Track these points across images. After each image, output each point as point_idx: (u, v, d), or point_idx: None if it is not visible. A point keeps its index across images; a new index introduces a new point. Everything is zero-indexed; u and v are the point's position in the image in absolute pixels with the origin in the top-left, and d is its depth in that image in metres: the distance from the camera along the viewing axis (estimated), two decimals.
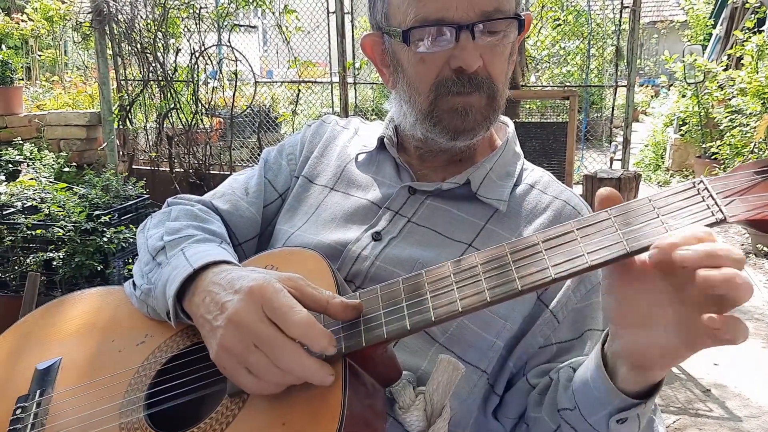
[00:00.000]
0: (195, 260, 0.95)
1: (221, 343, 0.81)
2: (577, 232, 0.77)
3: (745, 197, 0.69)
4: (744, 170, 0.71)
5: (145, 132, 5.70)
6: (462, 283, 0.81)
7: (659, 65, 13.88)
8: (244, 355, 0.79)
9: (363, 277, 1.07)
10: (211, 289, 0.87)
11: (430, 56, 1.04)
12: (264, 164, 1.28)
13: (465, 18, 1.00)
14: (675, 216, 0.72)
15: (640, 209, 0.74)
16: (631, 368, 0.80)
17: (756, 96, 5.85)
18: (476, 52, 1.01)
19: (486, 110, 1.07)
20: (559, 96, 5.46)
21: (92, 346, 1.05)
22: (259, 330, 0.78)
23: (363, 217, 1.14)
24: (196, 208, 1.18)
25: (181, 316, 0.95)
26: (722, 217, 0.69)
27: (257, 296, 0.79)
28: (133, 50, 5.22)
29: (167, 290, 0.95)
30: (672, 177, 8.73)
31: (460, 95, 1.05)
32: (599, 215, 0.77)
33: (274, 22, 5.23)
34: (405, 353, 0.99)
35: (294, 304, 0.79)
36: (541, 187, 1.17)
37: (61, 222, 3.32)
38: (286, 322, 0.78)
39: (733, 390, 3.46)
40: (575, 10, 7.34)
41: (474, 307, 0.78)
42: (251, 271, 0.87)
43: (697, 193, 0.72)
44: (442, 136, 1.09)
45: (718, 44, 8.93)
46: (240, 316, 0.79)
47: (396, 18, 1.05)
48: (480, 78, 1.04)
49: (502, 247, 0.81)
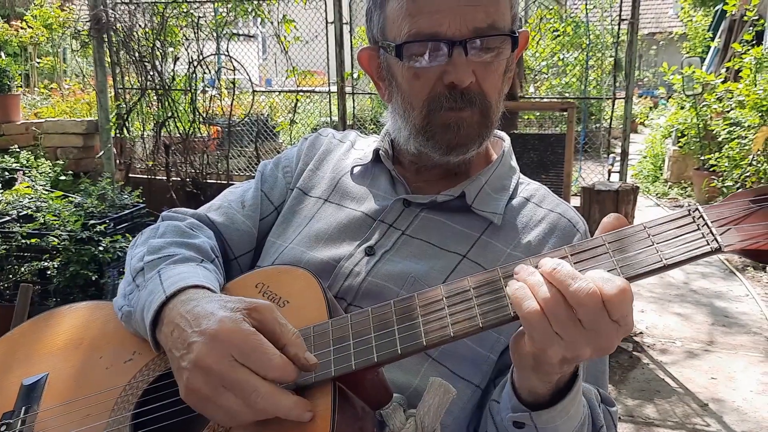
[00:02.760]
0: (168, 285, 0.94)
1: (188, 386, 0.80)
2: (571, 258, 0.77)
3: (740, 226, 0.68)
4: (739, 198, 0.70)
5: (142, 140, 5.69)
6: (454, 307, 0.80)
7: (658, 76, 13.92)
8: (212, 397, 0.78)
9: (354, 293, 1.06)
10: (178, 322, 0.85)
11: (424, 71, 1.04)
12: (260, 177, 1.28)
13: (458, 34, 0.99)
14: (669, 244, 0.71)
15: (635, 236, 0.73)
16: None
17: (754, 108, 5.86)
18: (469, 68, 1.01)
19: (479, 126, 1.07)
20: (557, 108, 5.46)
21: (79, 362, 1.04)
22: (230, 375, 0.77)
23: (356, 230, 1.13)
24: (185, 224, 1.16)
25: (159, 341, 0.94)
26: (717, 246, 0.68)
27: (225, 341, 0.78)
28: (131, 59, 5.22)
29: (144, 317, 0.94)
30: (670, 189, 8.73)
31: (453, 110, 1.04)
32: (594, 240, 0.76)
33: (273, 32, 5.24)
34: (396, 370, 0.98)
35: (266, 348, 0.78)
36: (536, 200, 1.17)
37: (56, 231, 3.31)
38: (263, 367, 0.77)
39: (730, 404, 3.44)
40: (574, 21, 7.36)
41: (466, 332, 0.78)
42: (218, 303, 0.85)
43: (693, 221, 0.71)
44: (435, 150, 1.09)
45: (716, 56, 8.96)
46: (206, 362, 0.78)
47: (391, 32, 1.05)
48: (472, 94, 1.04)
49: (495, 271, 0.81)
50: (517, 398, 0.87)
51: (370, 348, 0.81)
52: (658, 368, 3.85)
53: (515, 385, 0.88)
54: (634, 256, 0.72)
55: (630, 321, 0.72)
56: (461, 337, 0.78)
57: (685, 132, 8.23)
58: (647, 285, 5.09)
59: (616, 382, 3.65)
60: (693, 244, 0.70)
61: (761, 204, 0.69)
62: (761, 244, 0.67)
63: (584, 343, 0.72)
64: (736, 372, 3.79)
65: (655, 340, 4.23)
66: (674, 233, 0.71)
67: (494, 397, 0.99)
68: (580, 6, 7.29)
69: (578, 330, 0.71)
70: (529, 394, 0.86)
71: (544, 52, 7.82)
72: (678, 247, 0.70)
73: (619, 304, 0.70)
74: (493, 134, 1.14)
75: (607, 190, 3.95)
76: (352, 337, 0.83)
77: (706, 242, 0.69)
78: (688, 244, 0.70)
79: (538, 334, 0.73)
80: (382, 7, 1.07)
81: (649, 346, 4.12)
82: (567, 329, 0.71)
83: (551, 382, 0.83)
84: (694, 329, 4.42)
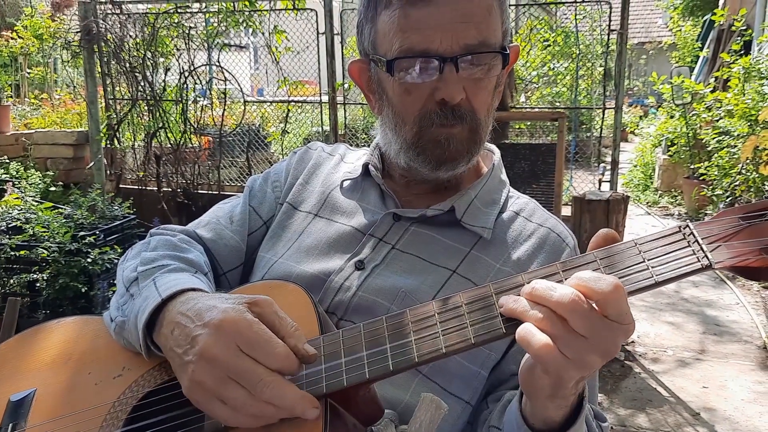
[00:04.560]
0: (164, 290, 0.93)
1: (193, 378, 0.79)
2: (563, 274, 0.77)
3: (730, 243, 0.68)
4: (730, 215, 0.70)
5: (133, 151, 5.67)
6: (446, 323, 0.80)
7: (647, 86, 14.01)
8: (218, 389, 0.77)
9: (345, 308, 1.06)
10: (179, 321, 0.85)
11: (415, 87, 1.04)
12: (249, 192, 1.27)
13: (449, 51, 0.99)
14: (660, 260, 0.71)
15: (626, 252, 0.73)
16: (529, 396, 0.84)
17: (743, 118, 5.90)
18: (459, 84, 1.01)
19: (468, 142, 1.07)
20: (547, 118, 5.49)
21: (68, 377, 1.02)
22: (236, 364, 0.76)
23: (346, 244, 1.13)
24: (176, 239, 1.16)
25: (152, 348, 0.93)
26: (708, 264, 0.68)
27: (229, 331, 0.78)
28: (121, 69, 5.21)
29: (138, 322, 0.93)
30: (661, 197, 8.77)
31: (444, 127, 1.04)
32: (586, 257, 0.76)
33: (265, 42, 5.24)
34: (387, 385, 0.98)
35: (269, 337, 0.78)
36: (526, 214, 1.17)
37: (45, 243, 3.29)
38: (266, 357, 0.76)
39: (722, 413, 3.45)
40: (564, 31, 7.41)
41: (458, 348, 0.78)
42: (219, 299, 0.85)
43: (683, 237, 0.71)
44: (424, 166, 1.09)
45: (705, 66, 9.03)
46: (212, 352, 0.77)
47: (382, 47, 1.05)
48: (463, 110, 1.04)
49: (487, 287, 0.81)
50: (528, 428, 0.85)
51: (362, 365, 0.81)
52: (650, 377, 3.85)
53: (526, 414, 0.86)
54: (625, 272, 0.72)
55: (629, 318, 0.71)
56: (453, 354, 0.78)
57: (675, 141, 8.28)
58: None
59: (608, 392, 3.65)
60: (684, 260, 0.70)
61: (750, 221, 0.69)
62: (750, 261, 0.67)
63: (589, 350, 0.71)
64: (728, 381, 3.80)
65: (647, 349, 4.23)
66: (665, 250, 0.71)
67: (494, 423, 0.98)
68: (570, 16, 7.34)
69: (579, 341, 0.70)
70: (544, 423, 0.84)
71: (534, 62, 7.86)
72: (669, 263, 0.70)
73: (614, 301, 0.69)
74: (483, 148, 1.15)
75: (598, 200, 3.96)
76: (344, 353, 0.82)
77: (697, 259, 0.69)
78: (678, 260, 0.70)
79: (551, 365, 0.72)
80: (373, 21, 1.06)
81: (641, 355, 4.13)
82: (569, 345, 0.71)
83: (567, 406, 0.82)
84: (686, 338, 4.43)
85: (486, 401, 1.06)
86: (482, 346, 0.78)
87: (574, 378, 0.74)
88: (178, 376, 0.83)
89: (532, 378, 0.79)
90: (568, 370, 0.72)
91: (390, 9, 1.02)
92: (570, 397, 0.80)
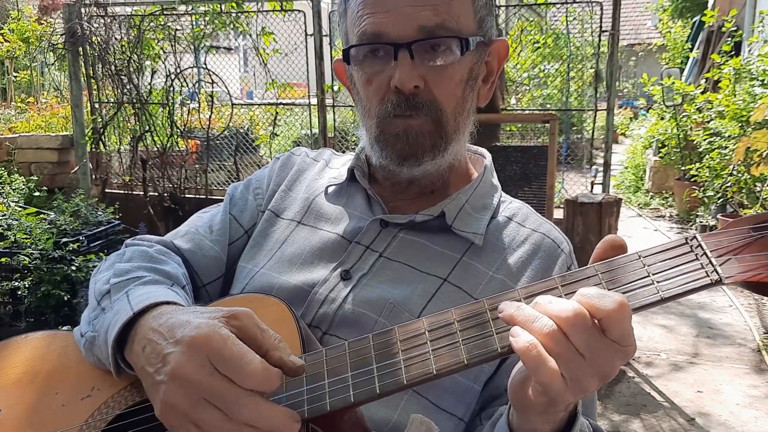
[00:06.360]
0: (136, 303, 0.87)
1: (165, 400, 0.73)
2: (562, 288, 0.72)
3: (741, 256, 0.63)
4: (739, 226, 0.65)
5: (119, 155, 5.59)
6: (437, 342, 0.75)
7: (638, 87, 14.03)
8: (191, 411, 0.71)
9: (330, 321, 1.00)
10: (151, 337, 0.79)
11: (375, 76, 1.00)
12: (229, 200, 1.22)
13: (404, 35, 0.96)
14: (666, 275, 0.66)
15: (629, 266, 0.68)
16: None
17: (734, 119, 5.87)
18: (414, 71, 0.96)
19: (433, 136, 1.01)
20: (538, 120, 5.46)
21: (33, 398, 0.97)
22: (209, 385, 0.71)
23: (332, 253, 1.07)
24: (152, 250, 1.10)
25: (122, 366, 0.87)
26: (718, 278, 0.63)
27: (202, 348, 0.72)
28: (107, 72, 5.13)
29: (108, 338, 0.87)
30: (652, 199, 8.77)
31: (400, 117, 1.00)
32: (586, 270, 0.71)
33: (253, 44, 5.18)
34: (375, 403, 0.92)
35: (245, 352, 0.71)
36: (519, 219, 1.12)
37: (27, 250, 3.21)
38: (240, 375, 0.70)
39: (717, 418, 3.41)
40: (554, 33, 7.37)
41: (450, 370, 0.73)
42: (194, 313, 0.79)
43: (690, 250, 0.66)
44: (389, 160, 1.04)
45: (695, 67, 9.03)
46: (184, 371, 0.72)
47: (351, 39, 1.02)
48: (420, 100, 0.99)
49: (481, 303, 0.76)
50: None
51: (346, 386, 0.75)
52: (644, 382, 3.81)
53: (513, 427, 0.82)
54: (628, 288, 0.66)
55: (631, 340, 0.66)
56: (445, 375, 0.73)
57: (666, 142, 8.27)
58: None
59: (602, 397, 3.60)
60: (691, 275, 0.65)
61: (762, 232, 0.64)
62: (763, 276, 0.62)
63: (587, 371, 0.66)
64: (722, 385, 3.76)
65: (641, 353, 4.19)
66: (671, 263, 0.66)
67: None
68: (560, 18, 7.31)
69: (578, 360, 0.66)
70: None
71: (525, 64, 7.82)
72: (675, 278, 0.65)
73: (618, 321, 0.64)
74: (460, 148, 1.09)
75: (591, 203, 3.92)
76: (327, 375, 0.77)
77: (706, 273, 0.64)
78: (686, 275, 0.65)
79: (553, 389, 0.67)
80: (344, 15, 1.04)
81: (635, 359, 4.09)
82: (568, 365, 0.66)
83: (555, 422, 0.78)
84: (679, 341, 4.40)
85: (480, 417, 1.01)
86: (476, 366, 0.73)
87: (569, 401, 0.69)
88: (151, 397, 0.78)
89: (524, 394, 0.74)
90: (565, 393, 0.67)
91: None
92: (559, 413, 0.76)
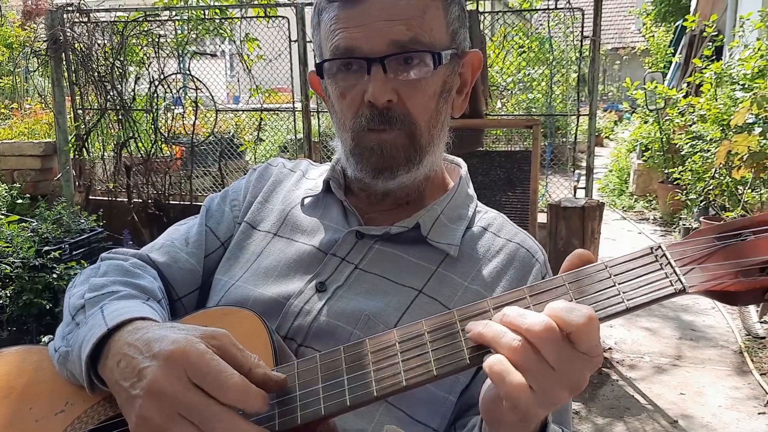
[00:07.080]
0: (111, 318, 0.86)
1: (140, 414, 0.73)
2: (530, 299, 0.72)
3: (704, 265, 0.64)
4: (703, 236, 0.66)
5: (102, 162, 5.56)
6: (407, 354, 0.75)
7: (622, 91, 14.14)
8: (166, 426, 0.71)
9: (305, 333, 1.00)
10: (126, 352, 0.78)
11: (349, 91, 1.00)
12: (206, 212, 1.21)
13: (376, 50, 0.96)
14: (632, 284, 0.66)
15: (596, 276, 0.69)
16: None
17: (715, 122, 5.93)
18: (387, 85, 0.97)
19: (407, 149, 1.01)
20: (521, 125, 5.48)
21: (8, 413, 0.95)
22: (186, 399, 0.70)
23: (307, 265, 1.07)
24: (128, 263, 1.10)
25: (96, 382, 0.86)
26: (681, 288, 0.64)
27: (179, 362, 0.71)
28: (90, 78, 5.10)
29: (81, 353, 0.86)
30: (636, 202, 8.82)
31: (373, 132, 1.00)
32: (554, 281, 0.72)
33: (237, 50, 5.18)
34: (349, 415, 0.92)
35: (223, 368, 0.71)
36: (494, 229, 1.12)
37: (8, 258, 3.18)
38: (219, 389, 0.70)
39: (700, 421, 3.44)
40: (538, 38, 7.41)
41: (419, 381, 0.73)
42: (171, 329, 0.78)
43: (655, 260, 0.67)
44: (364, 173, 1.04)
45: (677, 71, 9.11)
46: (161, 385, 0.71)
47: (325, 52, 1.03)
48: (393, 114, 0.99)
49: (451, 314, 0.76)
50: None
51: (317, 399, 0.75)
52: (627, 384, 3.83)
53: None
54: (594, 298, 0.67)
55: (599, 350, 0.67)
56: (414, 387, 0.73)
57: (649, 146, 8.33)
58: None
59: (586, 400, 3.62)
60: (656, 284, 0.65)
61: (726, 241, 0.65)
62: (726, 285, 0.63)
63: (557, 384, 0.67)
64: (705, 387, 3.79)
65: (624, 356, 4.22)
66: (637, 273, 0.67)
67: None
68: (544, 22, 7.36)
69: (548, 372, 0.66)
70: None
71: (509, 68, 7.86)
72: (641, 288, 0.66)
73: (587, 334, 0.65)
74: (435, 159, 1.09)
75: (574, 207, 3.95)
76: (299, 387, 0.77)
77: (670, 283, 0.65)
78: (651, 284, 0.65)
79: (522, 403, 0.67)
80: (317, 28, 1.04)
81: (618, 362, 4.11)
82: (538, 378, 0.66)
83: (529, 429, 0.77)
84: (662, 343, 4.43)
85: (454, 427, 1.01)
86: (445, 378, 0.73)
87: (541, 416, 0.70)
88: (125, 412, 0.77)
89: (495, 410, 0.74)
90: (535, 406, 0.67)
91: (327, 13, 1.00)
92: (531, 424, 0.75)
